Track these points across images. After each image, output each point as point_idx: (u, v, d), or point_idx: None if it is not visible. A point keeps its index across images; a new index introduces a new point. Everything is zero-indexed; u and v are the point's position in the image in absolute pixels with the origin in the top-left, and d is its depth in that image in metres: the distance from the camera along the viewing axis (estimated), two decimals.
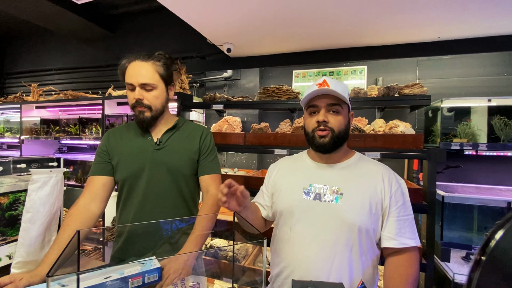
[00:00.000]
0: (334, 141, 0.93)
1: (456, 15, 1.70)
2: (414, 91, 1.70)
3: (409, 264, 0.88)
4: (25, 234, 0.98)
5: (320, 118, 0.93)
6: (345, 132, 0.96)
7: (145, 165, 1.12)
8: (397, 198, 0.92)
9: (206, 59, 2.84)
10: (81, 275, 0.75)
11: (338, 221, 0.90)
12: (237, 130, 2.34)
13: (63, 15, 2.90)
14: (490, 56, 2.15)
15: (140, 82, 1.07)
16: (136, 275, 0.79)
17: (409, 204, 0.94)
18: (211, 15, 1.85)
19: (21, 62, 4.24)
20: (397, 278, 0.85)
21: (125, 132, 1.20)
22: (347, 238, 0.89)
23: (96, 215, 1.07)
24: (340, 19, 1.81)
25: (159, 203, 1.12)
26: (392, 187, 0.93)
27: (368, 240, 0.91)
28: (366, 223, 0.89)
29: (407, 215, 0.92)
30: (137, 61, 1.08)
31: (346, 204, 0.90)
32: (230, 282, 1.13)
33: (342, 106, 0.94)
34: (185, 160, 1.16)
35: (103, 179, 1.12)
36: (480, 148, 1.79)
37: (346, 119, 0.97)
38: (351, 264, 0.89)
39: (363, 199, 0.91)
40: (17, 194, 1.04)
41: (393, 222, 0.90)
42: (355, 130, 1.72)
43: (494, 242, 0.41)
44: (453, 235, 1.80)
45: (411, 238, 0.90)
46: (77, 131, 2.95)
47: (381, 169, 0.97)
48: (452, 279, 1.62)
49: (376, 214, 0.91)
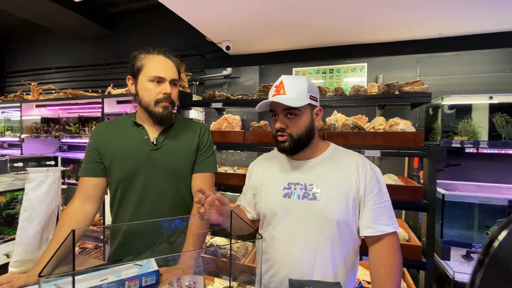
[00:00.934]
0: (295, 145, 0.94)
1: (457, 11, 1.68)
2: (414, 88, 1.69)
3: (391, 254, 0.89)
4: (22, 233, 0.98)
5: (277, 125, 0.95)
6: (308, 133, 0.95)
7: (141, 166, 1.07)
8: (372, 186, 0.93)
9: (206, 57, 2.83)
10: (77, 276, 0.75)
11: (317, 217, 0.92)
12: (237, 128, 2.33)
13: (62, 13, 2.90)
14: (491, 53, 2.12)
15: (171, 77, 1.06)
16: (133, 278, 0.78)
17: (385, 191, 0.95)
18: (209, 12, 1.84)
19: (21, 61, 4.23)
20: (382, 270, 0.86)
21: (117, 128, 1.14)
22: (327, 232, 0.91)
23: (91, 214, 1.07)
24: (340, 16, 1.80)
25: (157, 205, 1.09)
26: (367, 176, 0.94)
27: (348, 232, 0.93)
28: (344, 216, 0.91)
29: (383, 202, 0.93)
30: (161, 56, 1.07)
31: (323, 200, 0.92)
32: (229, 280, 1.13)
33: (299, 109, 0.92)
34: (183, 160, 1.12)
35: (94, 180, 1.09)
36: (481, 146, 1.77)
37: (308, 119, 0.95)
38: (333, 257, 0.91)
39: (340, 192, 0.92)
40: (14, 193, 1.04)
41: (369, 211, 0.92)
42: (354, 128, 1.71)
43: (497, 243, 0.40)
44: (453, 233, 1.79)
45: (389, 224, 0.91)
46: (77, 130, 2.95)
47: (355, 159, 0.98)
48: (452, 278, 1.61)
49: (354, 205, 0.93)
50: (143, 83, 1.06)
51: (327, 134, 1.71)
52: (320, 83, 2.57)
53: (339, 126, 1.81)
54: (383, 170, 2.34)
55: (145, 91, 1.05)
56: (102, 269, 0.81)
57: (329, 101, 1.82)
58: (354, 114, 1.99)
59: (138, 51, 1.09)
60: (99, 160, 1.10)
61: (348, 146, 1.65)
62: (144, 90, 1.06)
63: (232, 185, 1.95)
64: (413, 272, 1.93)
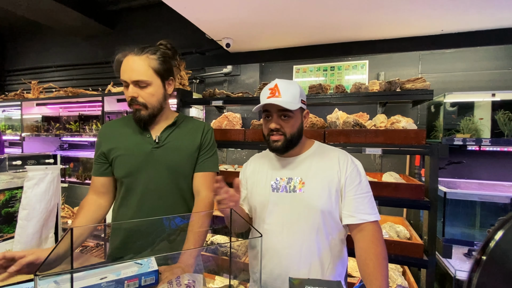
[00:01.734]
0: (288, 145, 1.01)
1: (459, 7, 1.66)
2: (416, 85, 1.67)
3: (375, 244, 0.92)
4: (21, 231, 0.98)
5: (272, 126, 1.00)
6: (298, 133, 1.03)
7: (143, 164, 1.08)
8: (352, 178, 0.99)
9: (206, 54, 2.81)
10: (76, 274, 0.75)
11: (302, 208, 0.98)
12: (237, 126, 2.32)
13: (61, 11, 2.89)
14: (494, 49, 2.10)
15: (132, 79, 1.01)
16: (132, 277, 0.78)
17: (366, 183, 1.01)
18: (209, 10, 1.82)
19: (21, 59, 4.23)
20: (369, 263, 0.89)
21: (121, 126, 1.15)
22: (312, 222, 0.97)
23: (104, 206, 1.13)
24: (341, 13, 1.78)
25: (158, 203, 1.09)
26: (348, 168, 1.00)
27: (332, 221, 0.99)
28: (327, 205, 0.97)
29: (365, 193, 0.99)
30: (131, 55, 1.02)
31: (308, 191, 0.99)
32: (230, 278, 1.13)
33: (292, 111, 0.99)
34: (185, 158, 1.12)
35: (101, 179, 1.13)
36: (483, 144, 1.76)
37: (299, 120, 1.03)
38: (318, 245, 0.97)
39: (323, 184, 0.99)
40: (13, 191, 1.03)
41: (350, 201, 0.97)
42: (356, 125, 1.70)
43: (493, 243, 0.40)
44: (455, 231, 1.78)
45: (370, 213, 0.96)
46: (78, 128, 2.95)
47: (337, 154, 1.05)
48: (453, 276, 1.61)
49: (337, 196, 0.99)
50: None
51: (328, 132, 1.70)
52: (321, 80, 2.55)
53: (340, 123, 1.80)
54: (385, 168, 2.33)
55: (124, 95, 1.08)
56: (101, 267, 0.80)
57: (330, 99, 1.81)
58: (355, 111, 1.98)
59: (117, 53, 1.07)
60: (104, 160, 1.12)
61: (349, 144, 1.66)
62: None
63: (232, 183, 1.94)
64: (415, 270, 1.92)
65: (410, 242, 1.54)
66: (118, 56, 1.06)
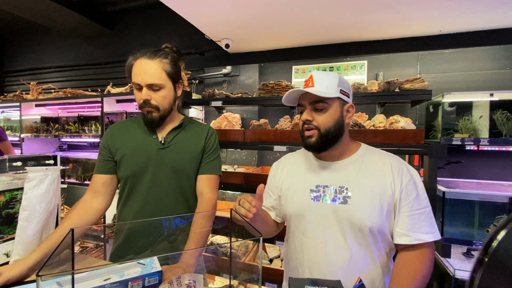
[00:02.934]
0: (322, 140, 0.88)
1: (458, 8, 1.67)
2: (415, 85, 1.68)
3: (419, 261, 0.83)
4: (22, 232, 0.98)
5: (303, 117, 0.90)
6: (337, 128, 0.89)
7: (148, 164, 1.10)
8: (408, 191, 0.86)
9: (205, 55, 2.82)
10: (79, 275, 0.75)
11: (348, 223, 0.86)
12: (237, 126, 2.33)
13: (60, 11, 2.89)
14: (492, 49, 2.11)
15: (147, 82, 1.04)
16: (136, 278, 0.78)
17: (424, 196, 0.88)
18: (208, 11, 1.83)
19: (20, 60, 4.22)
20: (404, 273, 0.81)
21: (128, 128, 1.18)
22: (360, 238, 0.86)
23: (99, 209, 1.10)
24: (340, 13, 1.79)
25: (161, 203, 1.11)
26: (403, 179, 0.87)
27: (381, 238, 0.87)
28: (377, 222, 0.84)
29: (422, 208, 0.86)
30: (143, 58, 1.04)
31: (355, 204, 0.86)
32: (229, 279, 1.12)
33: (327, 102, 0.87)
34: (189, 160, 1.14)
35: (103, 177, 1.12)
36: (481, 143, 1.77)
37: (337, 114, 0.89)
38: (367, 263, 0.86)
39: (373, 197, 0.86)
40: (13, 192, 1.03)
41: (405, 217, 0.85)
42: (355, 125, 1.71)
43: (496, 243, 0.40)
44: (454, 230, 1.79)
45: (428, 232, 0.84)
46: (77, 129, 2.95)
47: (390, 160, 0.91)
48: (452, 275, 1.61)
49: (388, 210, 0.86)
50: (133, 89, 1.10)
51: None
52: None
53: None
54: None
55: (135, 97, 1.10)
56: (104, 268, 0.80)
57: None
58: (354, 111, 1.98)
59: (129, 56, 1.09)
60: (110, 158, 1.13)
61: None
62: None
63: (232, 184, 1.95)
64: None
65: None
66: (130, 58, 1.07)
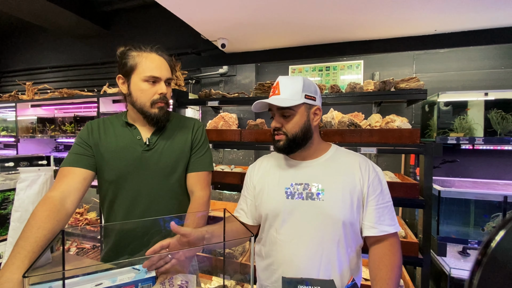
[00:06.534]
0: (290, 144, 0.94)
1: (453, 7, 1.67)
2: (410, 85, 1.68)
3: (392, 253, 0.88)
4: (14, 233, 0.97)
5: (272, 124, 0.97)
6: (304, 132, 0.94)
7: (133, 167, 1.03)
8: (374, 186, 0.93)
9: (201, 55, 2.81)
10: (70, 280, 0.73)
11: (322, 218, 0.91)
12: (233, 126, 2.32)
13: (55, 11, 2.87)
14: (487, 49, 2.13)
15: (166, 76, 1.03)
16: (129, 283, 0.75)
17: (387, 191, 0.96)
18: (204, 10, 1.82)
19: (15, 60, 4.19)
20: (383, 268, 0.86)
21: (108, 128, 1.09)
22: (332, 233, 0.90)
23: (70, 213, 0.93)
24: (336, 13, 1.79)
25: (150, 208, 1.05)
26: (370, 176, 0.94)
27: (352, 233, 0.92)
28: (349, 217, 0.90)
29: (386, 202, 0.93)
30: (154, 54, 1.03)
31: (328, 200, 0.91)
32: (227, 279, 1.11)
33: (293, 109, 0.92)
34: (178, 161, 1.08)
35: (85, 172, 0.99)
36: (476, 142, 1.77)
37: (303, 119, 0.94)
38: (339, 258, 0.90)
39: (344, 193, 0.91)
40: (5, 193, 1.02)
41: (372, 211, 0.92)
42: (351, 125, 1.71)
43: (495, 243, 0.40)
44: (449, 229, 1.79)
45: (391, 224, 0.91)
46: (73, 130, 2.93)
47: (358, 159, 0.98)
48: (448, 274, 1.62)
49: (358, 205, 0.92)
50: (137, 83, 1.00)
51: (324, 131, 1.71)
52: (316, 80, 2.56)
53: (335, 123, 1.80)
54: (380, 167, 2.32)
55: (140, 91, 1.01)
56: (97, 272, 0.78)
57: (325, 99, 1.82)
58: (350, 111, 1.99)
59: (127, 48, 1.03)
60: (91, 154, 1.03)
61: (344, 144, 1.66)
62: (138, 90, 1.01)
63: (229, 184, 1.95)
64: (410, 268, 1.93)
65: (406, 241, 1.55)
66: (132, 51, 1.02)
